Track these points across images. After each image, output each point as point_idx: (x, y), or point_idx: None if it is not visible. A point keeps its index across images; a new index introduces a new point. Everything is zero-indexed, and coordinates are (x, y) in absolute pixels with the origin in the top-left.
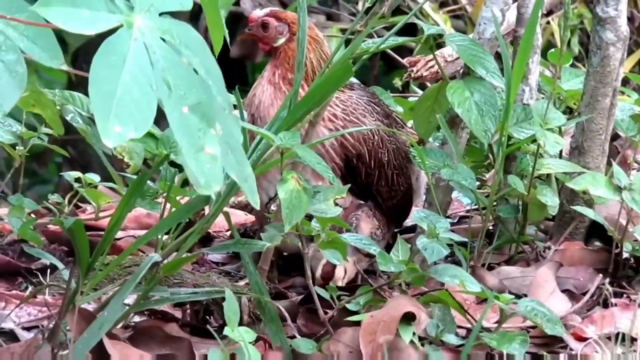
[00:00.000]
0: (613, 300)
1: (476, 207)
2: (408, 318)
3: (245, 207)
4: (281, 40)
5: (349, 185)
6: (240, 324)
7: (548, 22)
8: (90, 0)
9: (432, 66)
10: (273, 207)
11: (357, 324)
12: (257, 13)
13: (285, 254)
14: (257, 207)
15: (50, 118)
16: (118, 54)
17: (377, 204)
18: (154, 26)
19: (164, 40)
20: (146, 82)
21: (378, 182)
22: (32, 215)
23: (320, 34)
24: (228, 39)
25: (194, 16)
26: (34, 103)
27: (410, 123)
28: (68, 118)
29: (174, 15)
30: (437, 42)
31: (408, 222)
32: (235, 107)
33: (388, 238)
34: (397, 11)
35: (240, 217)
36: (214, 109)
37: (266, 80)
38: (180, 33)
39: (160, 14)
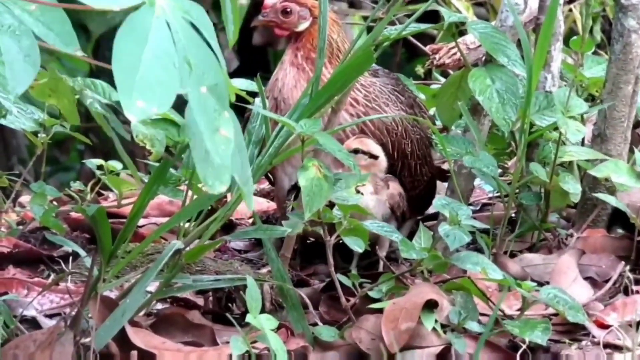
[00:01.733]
0: (634, 287)
1: (498, 194)
2: (430, 305)
3: (268, 194)
4: (305, 24)
5: (369, 174)
6: (263, 311)
7: (570, 10)
8: None
9: (454, 54)
10: None
11: (380, 311)
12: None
13: (307, 241)
14: (251, 207)
15: (66, 108)
16: (140, 31)
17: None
18: (175, 5)
19: (185, 19)
20: (168, 59)
21: (401, 173)
22: (54, 203)
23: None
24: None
25: None
26: (51, 92)
27: (432, 110)
28: (87, 103)
29: None
30: (459, 29)
31: (430, 209)
32: (257, 94)
33: (411, 225)
34: None
35: (263, 204)
36: (227, 92)
37: (288, 63)
38: (198, 15)
39: None
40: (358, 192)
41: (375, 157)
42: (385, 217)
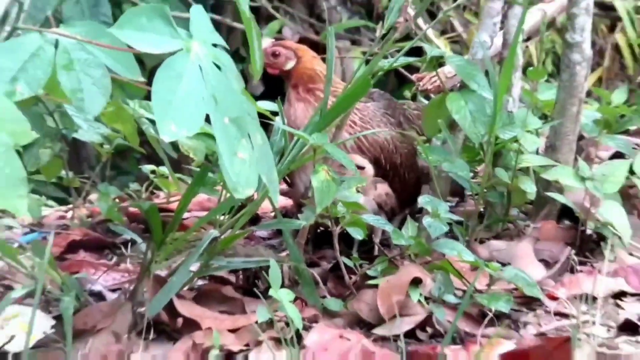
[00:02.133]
0: (579, 267)
1: (470, 193)
2: (416, 282)
3: (286, 193)
4: (291, 64)
5: (367, 177)
6: (282, 286)
7: (527, 46)
8: (156, 26)
9: (435, 81)
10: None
11: (375, 287)
12: (265, 44)
13: (318, 231)
14: (276, 202)
15: (129, 132)
16: (176, 71)
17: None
18: (208, 53)
19: (216, 64)
20: (198, 95)
21: (393, 180)
22: (117, 200)
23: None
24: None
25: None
26: (117, 119)
27: None
28: (143, 128)
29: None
30: (438, 62)
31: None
32: (277, 113)
33: (400, 219)
34: (407, 37)
35: (282, 201)
36: (247, 123)
37: (294, 99)
38: (226, 60)
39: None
40: (358, 191)
41: (362, 168)
42: (375, 212)
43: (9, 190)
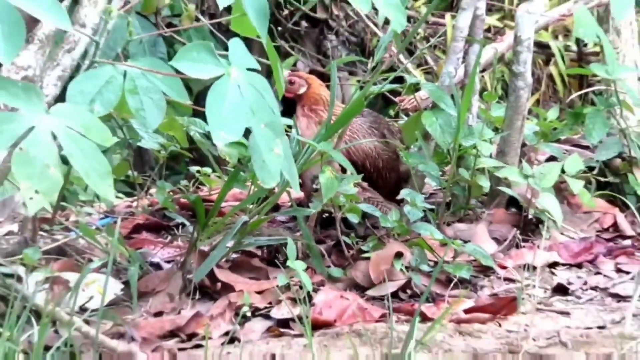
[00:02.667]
0: (522, 244)
1: (440, 187)
2: (399, 255)
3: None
4: (303, 89)
5: (362, 175)
6: (297, 258)
7: (483, 76)
8: (203, 58)
9: (413, 102)
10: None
11: (368, 259)
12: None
13: (324, 216)
14: (298, 190)
15: (179, 136)
16: (222, 91)
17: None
18: (244, 75)
19: (249, 84)
20: (239, 108)
21: (376, 179)
22: (170, 193)
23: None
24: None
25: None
26: (169, 128)
27: None
28: (191, 134)
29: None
30: (415, 87)
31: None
32: (291, 127)
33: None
34: (391, 69)
35: (296, 194)
36: (279, 126)
37: (300, 115)
38: (258, 81)
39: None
40: (356, 186)
41: None
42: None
43: (101, 181)
